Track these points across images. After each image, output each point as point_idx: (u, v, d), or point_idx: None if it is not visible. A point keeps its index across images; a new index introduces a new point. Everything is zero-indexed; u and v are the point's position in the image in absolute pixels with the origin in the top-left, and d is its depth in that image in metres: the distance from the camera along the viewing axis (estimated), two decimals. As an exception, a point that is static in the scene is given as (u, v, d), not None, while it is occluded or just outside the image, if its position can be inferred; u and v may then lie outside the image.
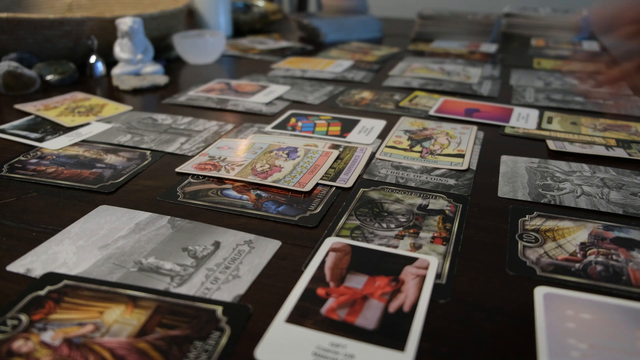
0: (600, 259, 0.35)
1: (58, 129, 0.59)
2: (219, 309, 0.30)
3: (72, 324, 0.29)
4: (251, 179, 0.46)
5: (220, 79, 0.80)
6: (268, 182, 0.45)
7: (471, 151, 0.53)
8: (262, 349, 0.27)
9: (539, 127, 0.61)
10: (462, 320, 0.30)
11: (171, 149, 0.54)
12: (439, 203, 0.43)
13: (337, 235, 0.38)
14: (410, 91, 0.75)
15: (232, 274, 0.34)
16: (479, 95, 0.73)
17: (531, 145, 0.56)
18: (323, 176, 0.47)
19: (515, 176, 0.48)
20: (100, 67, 0.81)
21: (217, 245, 0.37)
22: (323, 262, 0.35)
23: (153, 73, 0.80)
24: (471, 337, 0.29)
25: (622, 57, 0.60)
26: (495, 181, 0.47)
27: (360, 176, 0.48)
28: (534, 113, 0.65)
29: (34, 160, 0.51)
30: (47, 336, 0.28)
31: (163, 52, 0.93)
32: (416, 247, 0.37)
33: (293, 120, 0.62)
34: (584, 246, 0.37)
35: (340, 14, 1.21)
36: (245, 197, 0.44)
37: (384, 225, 0.40)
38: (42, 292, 0.31)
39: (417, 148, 0.54)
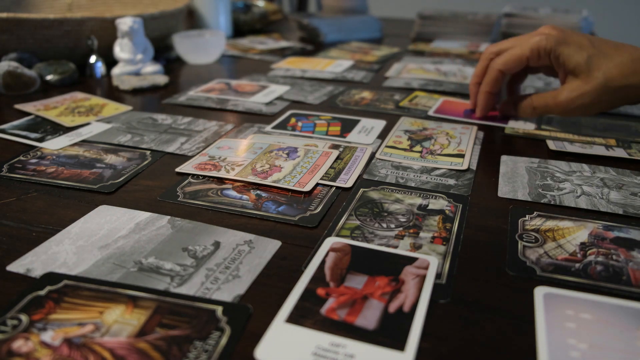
0: (600, 259, 0.35)
1: (58, 129, 0.59)
2: (219, 309, 0.30)
3: (72, 324, 0.29)
4: (251, 179, 0.46)
5: (220, 79, 0.80)
6: (268, 182, 0.45)
7: (471, 151, 0.53)
8: (262, 349, 0.27)
9: (538, 127, 0.61)
10: (462, 320, 0.30)
11: (171, 149, 0.54)
12: (439, 203, 0.43)
13: (337, 235, 0.38)
14: (410, 91, 0.75)
15: (232, 274, 0.34)
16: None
17: (531, 145, 0.56)
18: (323, 176, 0.47)
19: (515, 176, 0.48)
20: (100, 67, 0.81)
21: (217, 245, 0.37)
22: (323, 262, 0.35)
23: (153, 73, 0.80)
24: (471, 337, 0.29)
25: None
26: (495, 181, 0.47)
27: (360, 176, 0.48)
28: (534, 113, 0.65)
29: (34, 160, 0.51)
30: (47, 336, 0.28)
31: (163, 52, 0.94)
32: (416, 247, 0.37)
33: (293, 120, 0.62)
34: (584, 246, 0.37)
35: (340, 14, 1.21)
36: (245, 197, 0.44)
37: (384, 225, 0.40)
38: (42, 292, 0.31)
39: (417, 148, 0.54)
